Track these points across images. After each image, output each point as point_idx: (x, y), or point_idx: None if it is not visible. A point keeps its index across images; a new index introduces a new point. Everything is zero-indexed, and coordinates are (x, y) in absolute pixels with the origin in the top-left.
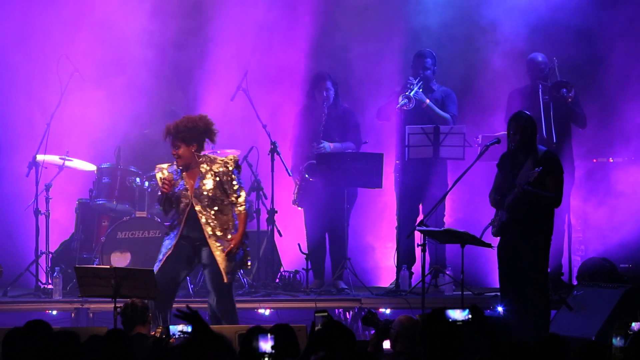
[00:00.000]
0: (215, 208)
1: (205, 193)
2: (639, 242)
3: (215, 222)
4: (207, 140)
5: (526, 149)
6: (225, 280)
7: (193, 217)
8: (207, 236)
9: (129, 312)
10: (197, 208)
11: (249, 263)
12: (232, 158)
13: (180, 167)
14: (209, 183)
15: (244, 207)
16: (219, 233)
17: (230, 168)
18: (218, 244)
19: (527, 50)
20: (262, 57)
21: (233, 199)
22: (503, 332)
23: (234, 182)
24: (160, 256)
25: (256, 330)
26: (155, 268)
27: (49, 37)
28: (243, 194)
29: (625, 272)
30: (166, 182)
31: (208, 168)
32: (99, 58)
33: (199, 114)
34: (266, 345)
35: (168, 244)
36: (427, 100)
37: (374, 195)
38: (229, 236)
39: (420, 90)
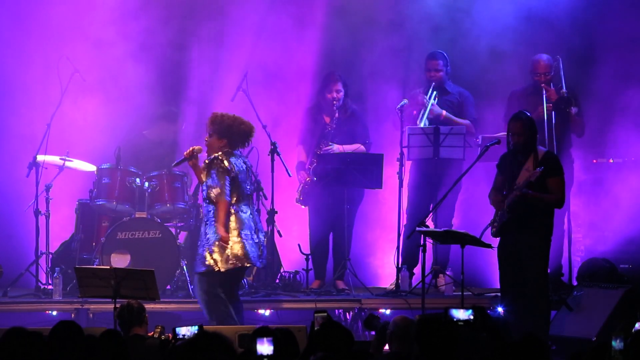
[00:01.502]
0: (207, 200)
1: (201, 186)
2: (639, 243)
3: (207, 215)
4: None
5: (526, 149)
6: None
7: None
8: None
9: (125, 313)
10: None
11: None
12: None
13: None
14: (203, 177)
15: (218, 199)
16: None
17: (206, 162)
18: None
19: (525, 49)
20: (262, 57)
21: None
22: (503, 333)
23: (208, 177)
24: None
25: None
26: None
27: (49, 37)
28: (215, 190)
29: (625, 272)
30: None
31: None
32: (99, 59)
33: (244, 119)
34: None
35: None
36: (444, 112)
37: (376, 195)
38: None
39: (435, 100)
